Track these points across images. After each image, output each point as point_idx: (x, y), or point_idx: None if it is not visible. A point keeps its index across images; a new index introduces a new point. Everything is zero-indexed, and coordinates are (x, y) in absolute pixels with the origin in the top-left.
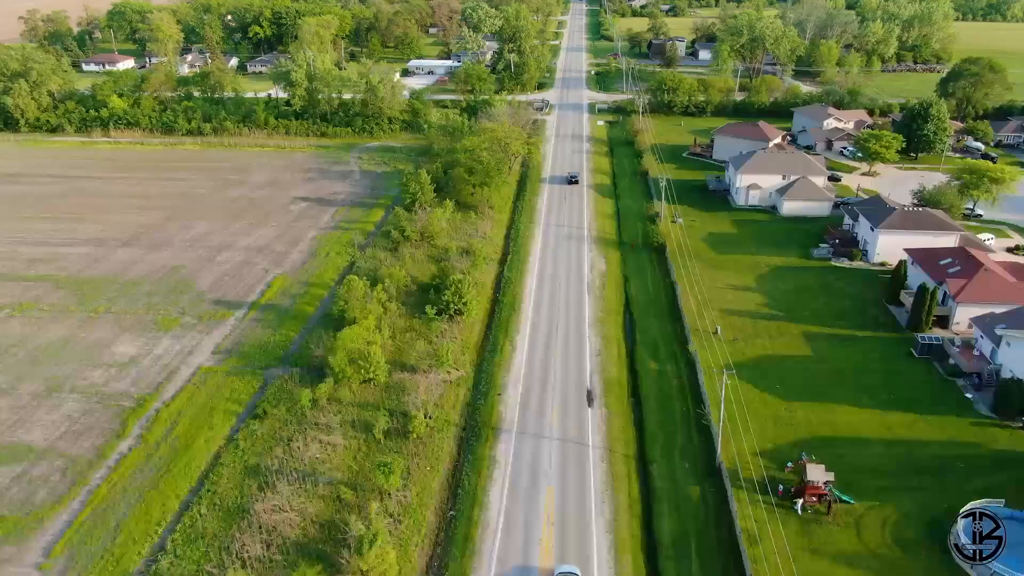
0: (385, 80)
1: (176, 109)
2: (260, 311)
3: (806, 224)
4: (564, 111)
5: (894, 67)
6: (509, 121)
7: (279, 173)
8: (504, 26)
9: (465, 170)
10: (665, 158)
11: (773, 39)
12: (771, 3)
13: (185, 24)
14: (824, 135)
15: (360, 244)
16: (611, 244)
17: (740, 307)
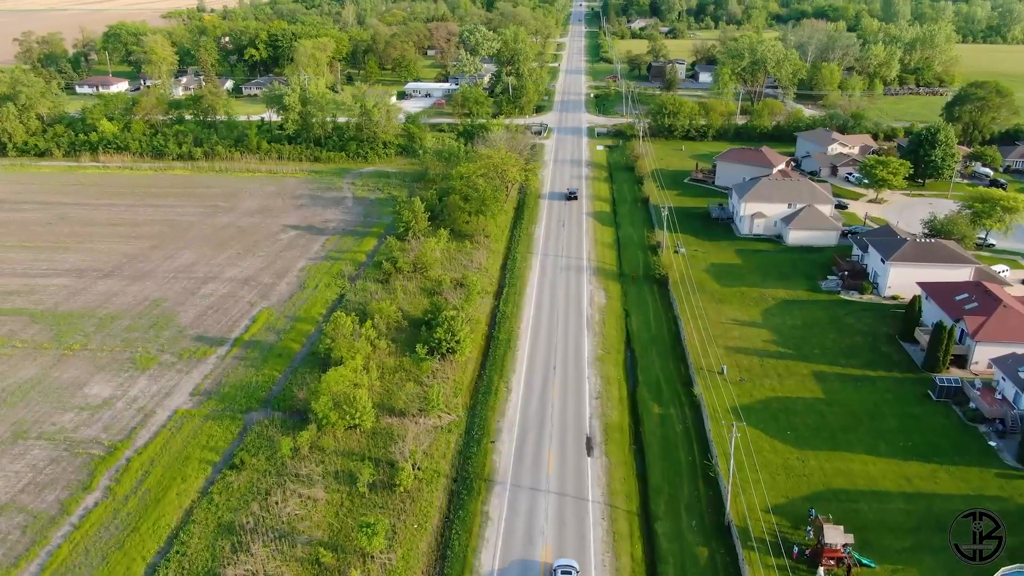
0: (380, 104)
1: (167, 133)
2: (243, 348)
3: (813, 254)
4: (563, 135)
5: (896, 90)
6: (506, 146)
7: (270, 199)
8: (502, 49)
9: (460, 197)
10: (666, 184)
11: (775, 62)
12: (771, 25)
13: (180, 46)
14: (829, 160)
15: (350, 275)
16: (611, 275)
17: (746, 344)
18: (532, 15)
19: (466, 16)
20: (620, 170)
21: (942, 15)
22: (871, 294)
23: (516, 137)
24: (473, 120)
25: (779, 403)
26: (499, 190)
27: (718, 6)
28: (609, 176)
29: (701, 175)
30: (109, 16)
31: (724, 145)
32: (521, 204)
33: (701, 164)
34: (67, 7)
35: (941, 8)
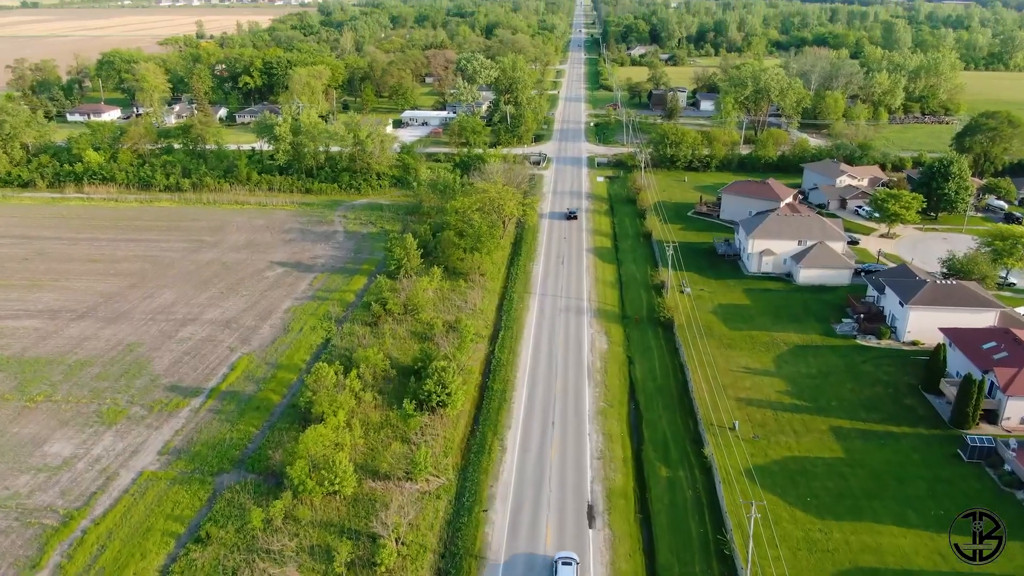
0: (374, 134)
1: (155, 163)
2: (219, 399)
3: (825, 294)
4: (562, 165)
5: (902, 118)
6: (503, 179)
7: (257, 233)
8: (500, 77)
9: (455, 233)
10: (669, 217)
11: (778, 91)
12: (771, 52)
13: (174, 74)
14: (837, 193)
15: (338, 318)
16: (613, 318)
17: (758, 395)
18: (531, 42)
19: (464, 43)
20: (621, 202)
21: (943, 42)
22: (889, 339)
23: (514, 168)
24: (470, 150)
25: (796, 464)
26: (495, 226)
27: (718, 33)
28: (610, 209)
29: (705, 208)
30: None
31: (728, 176)
32: (519, 239)
33: (705, 197)
34: (67, 33)
35: (942, 35)
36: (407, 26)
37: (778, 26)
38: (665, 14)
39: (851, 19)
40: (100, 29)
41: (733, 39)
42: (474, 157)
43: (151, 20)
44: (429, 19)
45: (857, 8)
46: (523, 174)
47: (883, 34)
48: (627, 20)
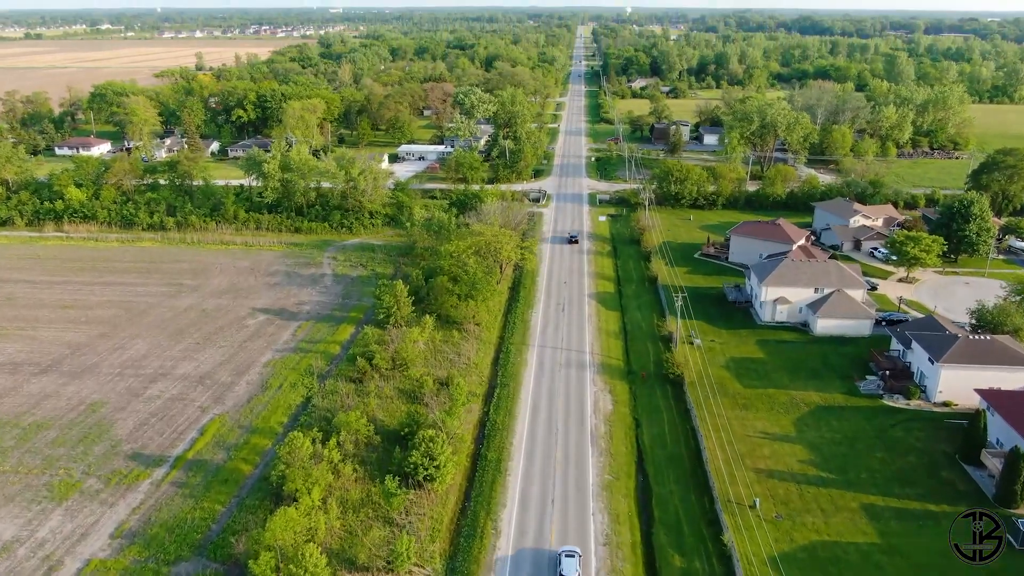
0: (367, 171)
1: (138, 201)
2: (185, 470)
3: (846, 346)
4: (562, 202)
5: (910, 153)
6: (501, 219)
7: (241, 277)
8: (499, 111)
9: (448, 279)
10: (675, 259)
11: (785, 126)
12: (772, 85)
13: (166, 107)
14: (851, 234)
15: (321, 373)
16: (618, 373)
17: (779, 465)
18: (531, 75)
19: (464, 76)
20: (624, 243)
21: (945, 75)
22: (919, 399)
23: (512, 208)
24: (467, 187)
25: (826, 550)
26: (492, 270)
27: (719, 66)
28: (613, 250)
29: (713, 250)
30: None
31: (734, 214)
32: (517, 283)
33: (712, 237)
34: (66, 65)
35: (944, 68)
36: (406, 58)
37: (778, 59)
38: (666, 46)
39: (851, 52)
40: (100, 61)
41: (734, 72)
42: (471, 195)
43: (152, 52)
44: (429, 51)
45: (857, 41)
46: (521, 214)
47: (885, 67)
48: (627, 52)
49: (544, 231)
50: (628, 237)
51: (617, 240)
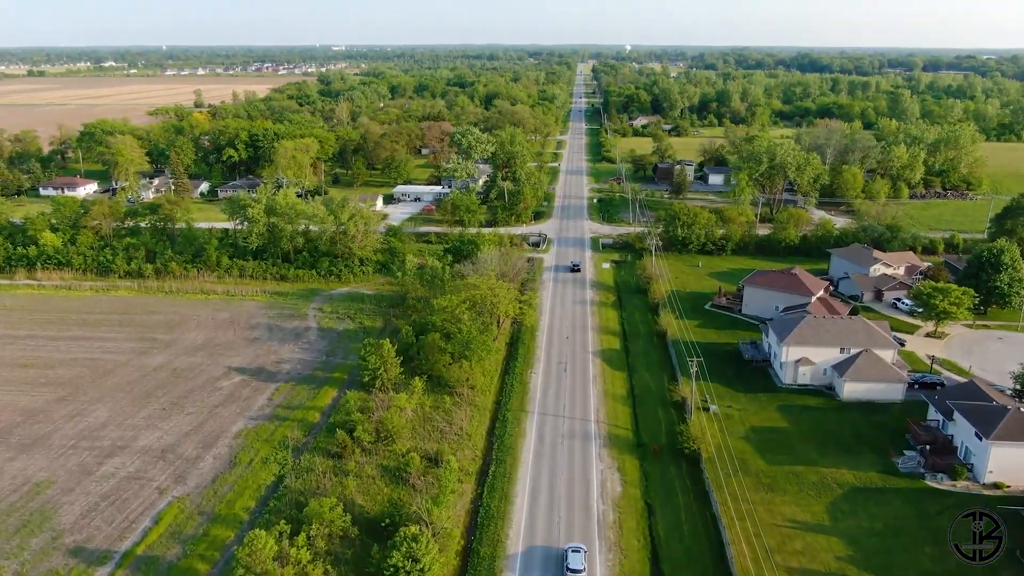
0: (357, 216)
1: (116, 247)
2: (132, 568)
3: (877, 414)
4: (563, 247)
5: (922, 193)
6: (499, 267)
7: (219, 331)
8: (498, 151)
9: (441, 336)
10: (684, 310)
11: (795, 167)
12: (775, 123)
13: (155, 146)
14: (871, 283)
15: (296, 446)
16: (626, 446)
17: (814, 563)
18: (531, 113)
19: (462, 114)
20: (630, 293)
21: (950, 112)
22: (966, 479)
23: (510, 254)
24: (464, 231)
25: None
26: (488, 327)
27: (721, 103)
28: (618, 300)
29: (725, 301)
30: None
31: (744, 261)
32: (515, 338)
33: (724, 287)
34: (64, 102)
35: (948, 106)
36: (406, 96)
37: (780, 96)
38: (667, 84)
39: (853, 89)
40: (98, 98)
41: (737, 109)
42: (467, 241)
43: (152, 89)
44: (429, 88)
45: (858, 79)
46: (520, 264)
47: (889, 105)
48: (628, 90)
49: (544, 277)
50: (634, 286)
51: (622, 289)
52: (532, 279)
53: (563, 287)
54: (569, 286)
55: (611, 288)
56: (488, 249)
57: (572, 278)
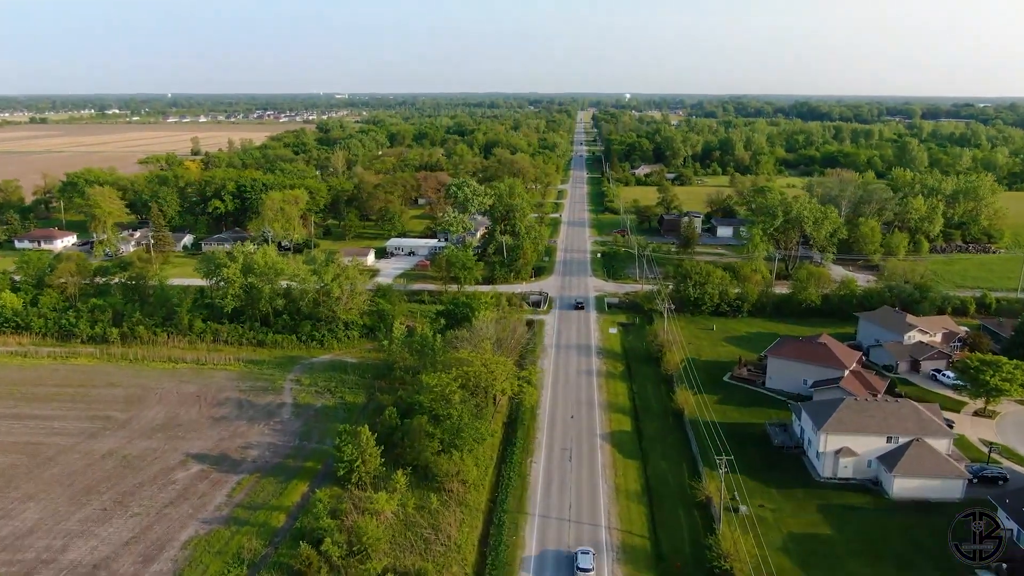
0: (342, 276)
1: (81, 309)
2: None
3: (934, 515)
4: (566, 307)
5: (942, 247)
6: (495, 335)
7: (183, 407)
8: (496, 204)
9: (428, 419)
10: (702, 383)
11: (812, 221)
12: (780, 171)
13: (139, 196)
14: (906, 352)
15: (254, 560)
16: (643, 561)
17: None
18: (531, 162)
19: (461, 163)
20: (640, 361)
21: (958, 161)
22: None
23: (509, 320)
24: (459, 290)
25: None
26: (482, 408)
27: (724, 152)
28: (627, 370)
29: (746, 372)
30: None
31: (762, 323)
32: (514, 417)
33: (744, 355)
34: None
35: (956, 155)
36: (404, 144)
37: (783, 144)
38: (669, 132)
39: (856, 137)
40: (96, 145)
41: (741, 158)
42: (461, 304)
43: (152, 136)
44: (428, 136)
45: (860, 127)
46: (520, 331)
47: (896, 153)
48: (630, 138)
49: (546, 343)
50: (643, 353)
51: (631, 357)
52: (532, 346)
53: (567, 354)
54: (573, 353)
55: (619, 356)
56: (484, 314)
57: (576, 344)
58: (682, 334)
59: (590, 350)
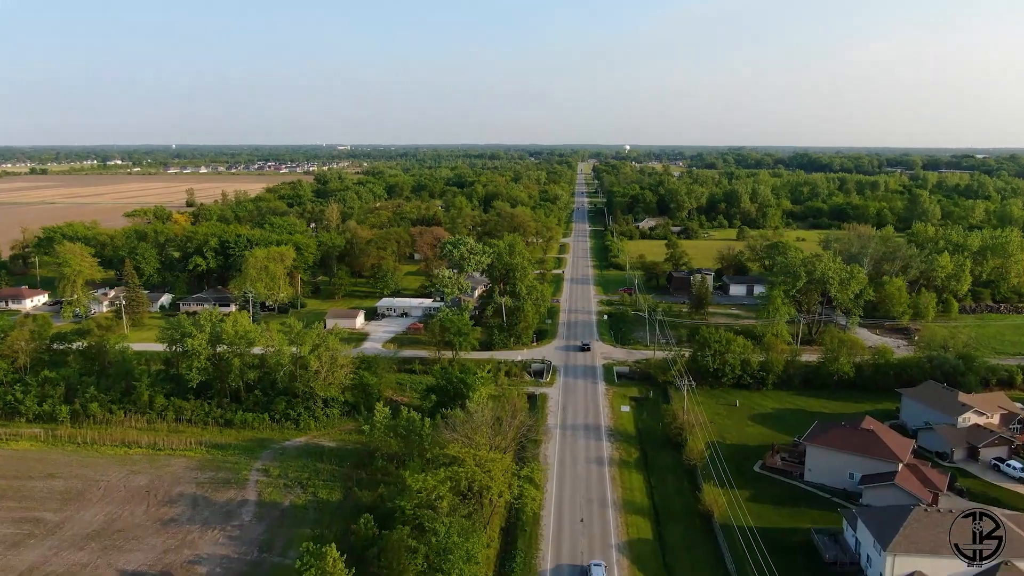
0: (322, 348)
1: (30, 383)
2: None
3: None
4: (571, 377)
5: (972, 307)
6: (491, 423)
7: (128, 506)
8: (495, 263)
9: (410, 532)
10: (728, 472)
11: (838, 282)
12: (788, 224)
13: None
14: (962, 437)
15: None
16: None
17: None
18: (532, 216)
19: (459, 217)
20: (657, 446)
21: (971, 213)
22: None
23: (508, 397)
24: (452, 367)
25: None
26: (475, 516)
27: (729, 204)
28: (642, 456)
29: (780, 461)
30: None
31: (790, 398)
32: (513, 523)
33: (776, 439)
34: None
35: (969, 207)
36: (403, 195)
37: (788, 195)
38: (674, 184)
39: (861, 188)
40: (92, 197)
41: (747, 210)
42: (455, 380)
43: (150, 188)
44: (427, 188)
45: (865, 178)
46: (521, 417)
47: (907, 205)
48: (633, 190)
49: (550, 423)
50: (660, 436)
51: (647, 440)
52: (534, 430)
53: (573, 437)
54: (581, 435)
55: (633, 438)
56: (482, 392)
57: (584, 424)
58: (703, 411)
59: (600, 431)
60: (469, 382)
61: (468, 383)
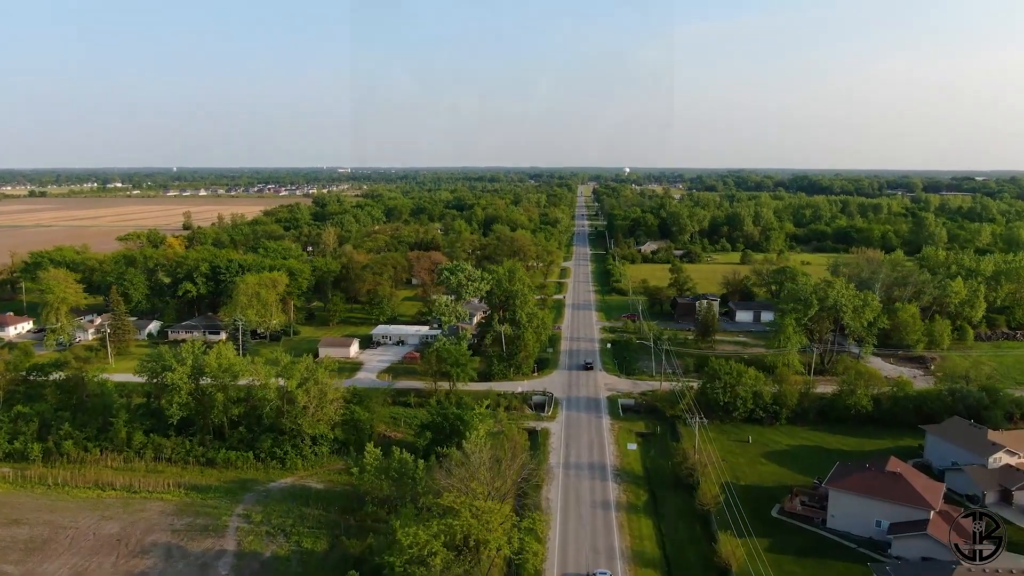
0: (310, 383)
1: (2, 419)
2: None
3: None
4: (574, 410)
5: (987, 334)
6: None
7: (95, 557)
8: (494, 289)
9: None
10: (745, 518)
11: (851, 310)
12: (792, 247)
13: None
14: (994, 479)
15: None
16: None
17: None
18: (532, 239)
19: (458, 241)
20: (667, 487)
21: (977, 236)
22: None
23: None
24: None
25: None
26: (472, 573)
27: (732, 227)
28: (651, 499)
29: (800, 506)
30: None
31: (806, 433)
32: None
33: (794, 482)
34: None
35: (975, 230)
36: (401, 218)
37: (790, 218)
38: (675, 207)
39: (864, 211)
40: (89, 220)
41: (750, 233)
42: (452, 416)
43: (148, 210)
44: (426, 211)
45: (867, 201)
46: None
47: (912, 228)
48: (634, 213)
49: (552, 463)
50: (670, 475)
51: (655, 481)
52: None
53: (577, 478)
54: (585, 476)
55: (640, 479)
56: (479, 430)
57: (588, 463)
58: (714, 449)
59: (605, 471)
60: (466, 419)
61: (465, 420)
